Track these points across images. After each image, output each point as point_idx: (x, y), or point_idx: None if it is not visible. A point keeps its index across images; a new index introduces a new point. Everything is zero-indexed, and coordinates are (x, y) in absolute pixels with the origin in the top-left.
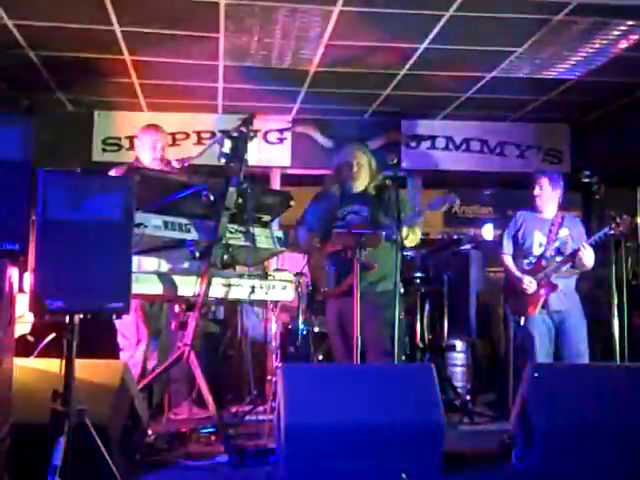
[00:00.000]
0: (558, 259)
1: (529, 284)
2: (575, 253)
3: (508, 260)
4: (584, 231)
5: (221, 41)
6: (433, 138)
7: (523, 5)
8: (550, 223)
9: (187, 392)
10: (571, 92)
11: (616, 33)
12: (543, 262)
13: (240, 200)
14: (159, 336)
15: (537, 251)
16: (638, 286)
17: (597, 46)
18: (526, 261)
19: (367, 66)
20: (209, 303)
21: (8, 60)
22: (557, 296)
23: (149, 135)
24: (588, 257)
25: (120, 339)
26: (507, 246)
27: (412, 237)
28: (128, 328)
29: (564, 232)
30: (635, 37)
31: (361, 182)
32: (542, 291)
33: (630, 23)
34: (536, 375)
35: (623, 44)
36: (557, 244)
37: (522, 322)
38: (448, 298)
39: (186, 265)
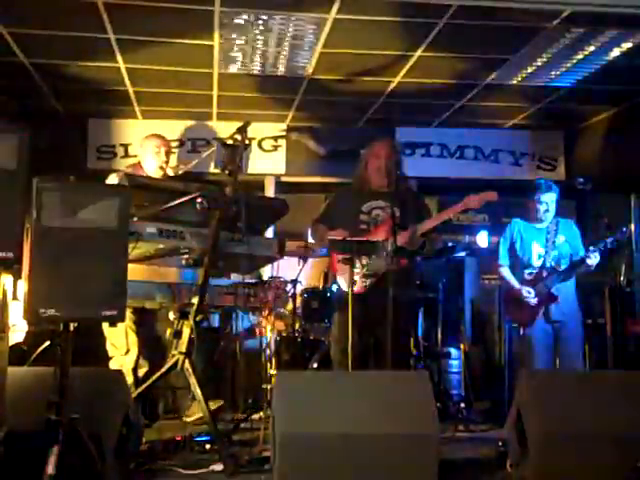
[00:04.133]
0: (560, 269)
1: (528, 295)
2: (582, 262)
3: (506, 271)
4: (579, 234)
5: (215, 49)
6: (427, 145)
7: (517, 13)
8: (546, 232)
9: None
10: (565, 99)
11: (609, 41)
12: (544, 273)
13: (235, 208)
14: (152, 344)
15: (536, 262)
16: (632, 293)
17: (590, 54)
18: (527, 271)
19: (361, 73)
20: (204, 311)
21: (2, 68)
22: (557, 306)
23: (152, 142)
24: (595, 262)
25: (109, 347)
26: (504, 257)
27: (428, 245)
28: (117, 337)
29: (560, 239)
30: (628, 45)
31: (389, 178)
32: (543, 302)
33: (623, 31)
34: (531, 382)
35: (616, 52)
36: (555, 253)
37: (522, 331)
38: (443, 305)
39: (181, 272)
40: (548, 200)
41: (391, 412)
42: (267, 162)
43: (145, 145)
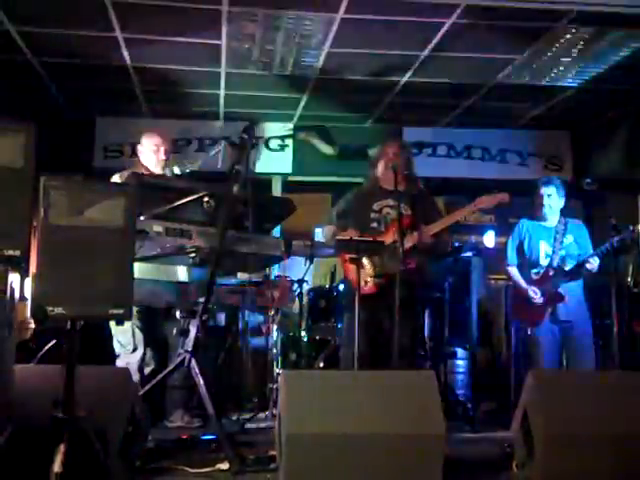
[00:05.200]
0: (566, 268)
1: (535, 295)
2: (582, 265)
3: (514, 271)
4: (588, 235)
5: (223, 48)
6: (435, 145)
7: (524, 13)
8: (554, 231)
9: (183, 400)
10: (572, 99)
11: (617, 41)
12: (550, 272)
13: (241, 207)
14: (158, 343)
15: (544, 262)
16: (639, 294)
17: (598, 54)
18: (534, 271)
19: (369, 73)
20: (210, 310)
21: (11, 66)
22: (565, 306)
23: (151, 140)
24: (595, 266)
25: (116, 345)
26: (512, 257)
27: (439, 245)
28: (124, 335)
29: (569, 239)
30: (635, 45)
31: (401, 178)
32: (550, 301)
33: (629, 31)
34: (537, 383)
35: (624, 52)
36: (563, 253)
37: (529, 332)
38: (449, 305)
39: (188, 271)
40: (549, 193)
41: (397, 412)
42: (274, 161)
43: (144, 142)
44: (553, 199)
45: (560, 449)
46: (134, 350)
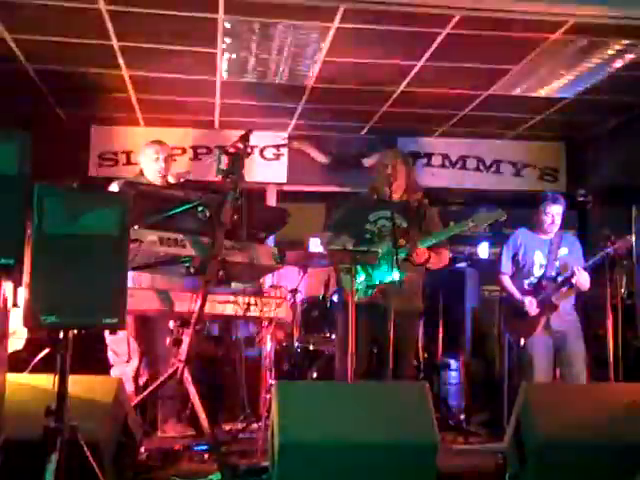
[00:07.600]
0: (559, 280)
1: (530, 305)
2: (571, 276)
3: (506, 281)
4: (582, 250)
5: (219, 57)
6: (429, 155)
7: (520, 23)
8: (550, 243)
9: (176, 410)
10: (567, 110)
11: (612, 52)
12: (544, 283)
13: (236, 216)
14: (151, 352)
15: (538, 272)
16: (633, 305)
17: (593, 65)
18: (527, 281)
19: (364, 83)
20: (204, 320)
21: (6, 74)
22: (558, 316)
23: (152, 149)
24: (583, 280)
25: (110, 355)
26: (506, 266)
27: (436, 259)
28: (119, 345)
29: (563, 251)
30: (631, 56)
31: (397, 188)
32: (544, 312)
33: (626, 42)
34: (531, 394)
35: (619, 63)
36: (557, 264)
37: (522, 343)
38: (443, 316)
39: (181, 281)
40: (554, 212)
41: (391, 422)
42: (269, 171)
43: (145, 152)
44: (558, 217)
45: (553, 460)
46: (129, 360)
